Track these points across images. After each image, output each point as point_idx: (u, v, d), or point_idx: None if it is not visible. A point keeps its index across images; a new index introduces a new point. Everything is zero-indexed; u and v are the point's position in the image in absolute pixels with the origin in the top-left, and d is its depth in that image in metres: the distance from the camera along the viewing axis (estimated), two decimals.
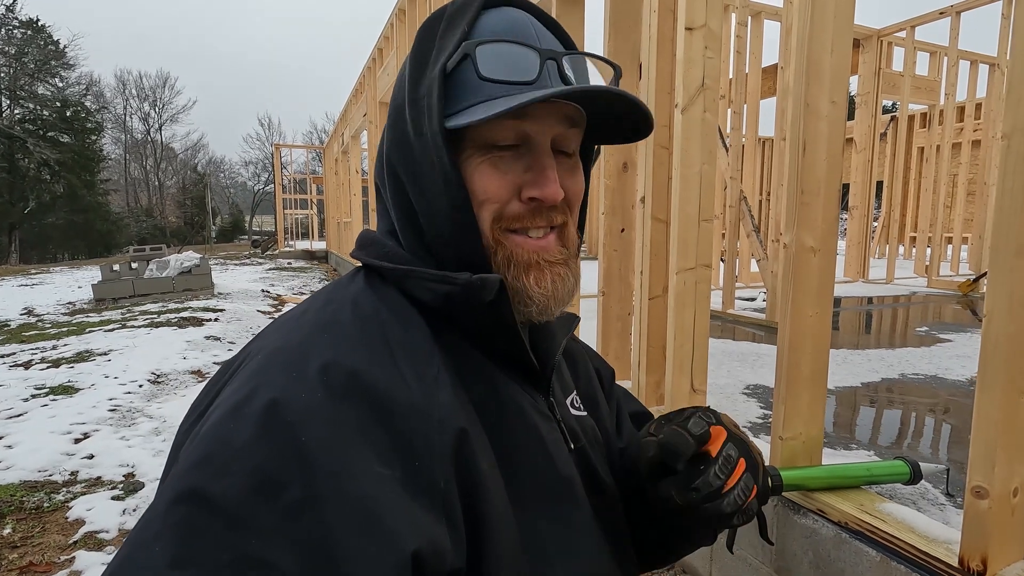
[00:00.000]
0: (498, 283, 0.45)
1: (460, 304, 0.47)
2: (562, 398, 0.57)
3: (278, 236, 17.41)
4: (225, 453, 0.35)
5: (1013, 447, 0.95)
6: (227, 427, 0.37)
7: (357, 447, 0.36)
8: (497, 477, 0.44)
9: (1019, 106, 0.89)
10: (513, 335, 0.48)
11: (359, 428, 0.37)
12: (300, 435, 0.35)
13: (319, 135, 39.39)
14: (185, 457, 0.37)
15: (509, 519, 0.43)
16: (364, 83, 7.53)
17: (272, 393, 0.38)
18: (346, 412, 0.38)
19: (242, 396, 0.38)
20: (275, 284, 9.51)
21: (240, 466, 0.34)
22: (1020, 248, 0.91)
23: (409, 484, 0.37)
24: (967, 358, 2.78)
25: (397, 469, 0.37)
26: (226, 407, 0.38)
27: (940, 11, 5.46)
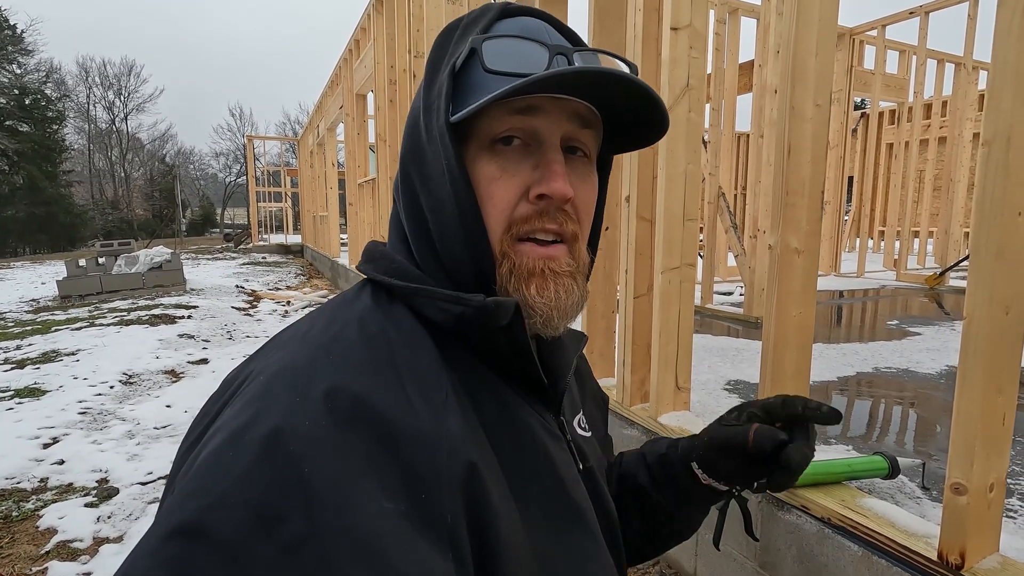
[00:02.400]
0: (514, 307, 0.44)
1: (472, 326, 0.45)
2: (570, 417, 0.57)
3: (252, 230, 17.05)
4: (223, 484, 0.33)
5: (991, 444, 0.98)
6: (226, 456, 0.35)
7: (362, 480, 0.35)
8: (510, 506, 0.42)
9: (999, 114, 0.91)
10: (526, 356, 0.47)
11: (365, 459, 0.36)
12: (303, 466, 0.34)
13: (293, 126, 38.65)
14: (181, 488, 0.35)
15: (523, 549, 0.42)
16: (340, 75, 7.40)
17: (274, 420, 0.36)
18: (351, 442, 0.36)
19: (242, 422, 0.37)
20: (250, 279, 9.32)
21: (238, 498, 0.33)
22: (999, 251, 0.93)
23: (416, 518, 0.35)
24: (936, 351, 2.87)
25: (403, 503, 0.35)
26: (225, 434, 0.37)
27: (910, 11, 5.59)
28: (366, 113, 6.93)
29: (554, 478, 0.48)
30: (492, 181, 0.46)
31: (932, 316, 3.97)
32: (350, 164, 7.05)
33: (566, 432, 0.54)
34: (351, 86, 6.78)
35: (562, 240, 0.48)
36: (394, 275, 0.48)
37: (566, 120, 0.46)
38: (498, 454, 0.44)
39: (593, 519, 0.51)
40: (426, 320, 0.46)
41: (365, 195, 6.39)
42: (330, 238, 9.66)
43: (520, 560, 0.41)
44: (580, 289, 0.49)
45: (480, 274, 0.46)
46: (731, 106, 4.58)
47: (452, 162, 0.44)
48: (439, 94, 0.45)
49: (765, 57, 3.90)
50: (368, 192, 6.23)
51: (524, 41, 0.45)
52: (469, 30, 0.47)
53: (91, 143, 31.32)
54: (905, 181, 6.23)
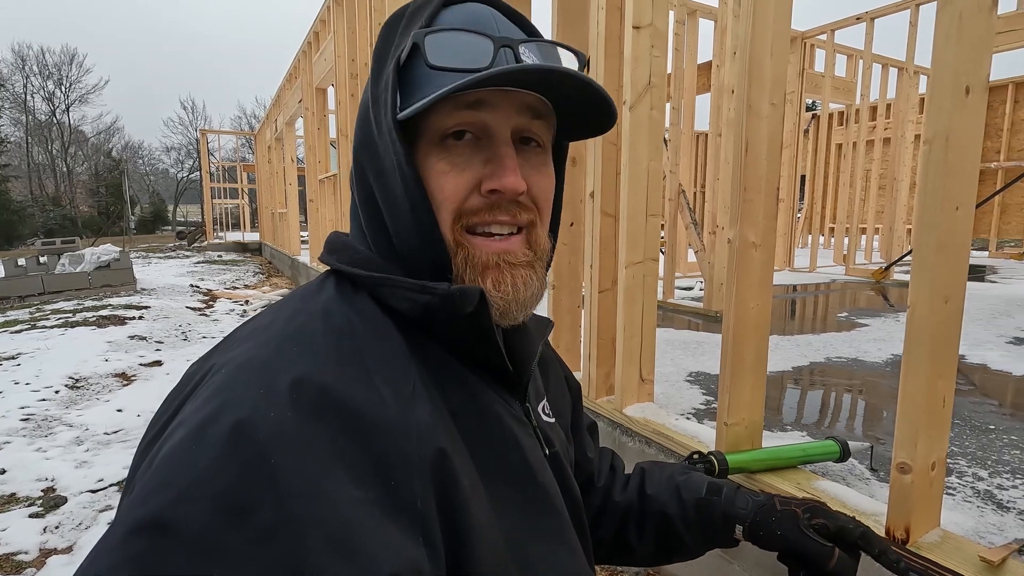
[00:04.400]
0: (478, 294, 0.44)
1: (438, 314, 0.46)
2: (535, 404, 0.58)
3: (206, 227, 16.46)
4: (187, 477, 0.33)
5: (933, 425, 1.04)
6: (189, 449, 0.34)
7: (331, 468, 0.35)
8: (479, 491, 0.43)
9: (939, 116, 0.97)
10: (492, 344, 0.48)
11: (332, 448, 0.35)
12: (269, 457, 0.33)
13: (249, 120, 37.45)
14: (143, 484, 0.34)
15: (494, 532, 0.43)
16: (299, 68, 7.21)
17: (239, 412, 0.35)
18: (319, 432, 0.36)
19: (206, 415, 0.36)
20: (205, 278, 9.00)
21: (204, 491, 0.32)
22: (940, 245, 0.99)
23: (386, 505, 0.36)
24: (883, 341, 3.02)
25: (373, 490, 0.35)
26: (188, 427, 0.36)
27: (857, 17, 5.84)
28: (327, 107, 6.79)
29: (522, 463, 0.49)
30: (441, 175, 0.46)
31: (878, 308, 4.17)
32: (310, 160, 6.89)
33: (532, 418, 0.55)
34: (311, 80, 6.62)
35: (518, 230, 0.49)
36: (358, 265, 0.48)
37: (516, 113, 0.46)
38: (467, 441, 0.45)
39: (560, 503, 0.52)
40: (391, 310, 0.46)
41: (326, 191, 6.26)
42: (290, 235, 9.43)
43: (491, 543, 0.42)
44: (539, 279, 0.50)
45: (435, 265, 0.46)
46: (690, 105, 4.69)
47: (401, 159, 0.44)
48: (385, 88, 0.45)
49: (723, 58, 4.01)
50: (329, 188, 6.10)
51: (468, 34, 0.44)
52: (414, 20, 0.46)
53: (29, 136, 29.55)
54: (853, 180, 6.52)
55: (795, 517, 0.61)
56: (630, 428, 1.73)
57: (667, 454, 1.60)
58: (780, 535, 0.61)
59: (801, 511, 0.62)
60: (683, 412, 1.91)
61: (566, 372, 0.73)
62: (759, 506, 0.65)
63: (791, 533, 0.60)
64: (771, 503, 0.64)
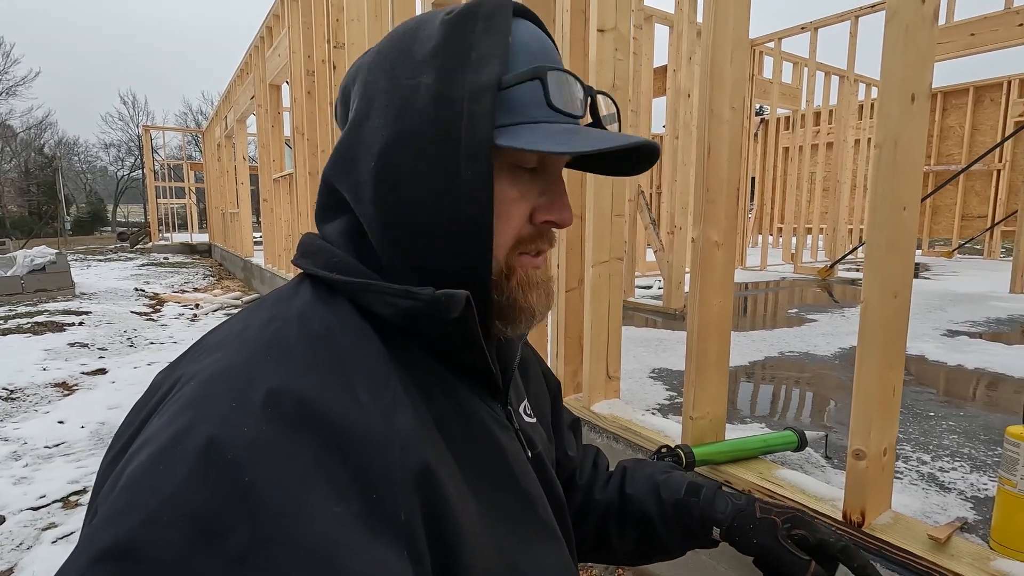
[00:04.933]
0: (464, 299, 0.44)
1: (422, 319, 0.45)
2: (516, 405, 0.58)
3: (151, 228, 15.71)
4: (155, 499, 0.31)
5: (884, 413, 1.11)
6: (156, 469, 0.32)
7: (309, 484, 0.33)
8: (466, 500, 0.43)
9: (888, 121, 1.03)
10: (478, 349, 0.47)
11: (311, 463, 0.34)
12: (244, 474, 0.32)
13: (195, 117, 35.97)
14: (108, 506, 0.32)
15: (482, 540, 0.42)
16: (251, 63, 6.98)
17: (210, 428, 0.34)
18: (297, 446, 0.34)
19: (174, 432, 0.34)
20: (151, 282, 8.59)
21: (174, 512, 0.30)
22: (890, 244, 1.05)
23: (369, 520, 0.34)
24: (831, 336, 3.17)
25: (354, 504, 0.34)
26: (155, 445, 0.34)
27: (802, 26, 6.12)
28: (280, 104, 6.59)
29: (505, 469, 0.49)
30: (511, 203, 0.47)
31: (825, 304, 4.38)
32: (264, 158, 6.67)
33: (514, 421, 0.55)
34: (263, 76, 6.41)
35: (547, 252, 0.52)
36: (336, 270, 0.47)
37: None
38: (451, 448, 0.44)
39: (545, 506, 0.52)
40: (370, 316, 0.45)
41: (281, 191, 6.09)
42: (242, 236, 9.11)
43: (479, 552, 0.41)
44: None
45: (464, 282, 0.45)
46: (647, 108, 4.81)
47: (484, 179, 0.43)
48: (474, 100, 0.43)
49: (679, 62, 4.12)
50: (285, 187, 5.93)
51: (571, 78, 0.47)
52: (493, 24, 0.45)
53: None
54: (799, 182, 6.83)
55: (773, 527, 0.62)
56: (598, 425, 1.76)
57: (635, 449, 1.63)
58: (756, 543, 0.61)
59: (781, 521, 0.62)
60: (648, 408, 1.96)
61: (545, 369, 0.73)
62: (738, 511, 0.65)
63: (768, 543, 0.61)
64: (751, 509, 0.65)
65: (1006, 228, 8.40)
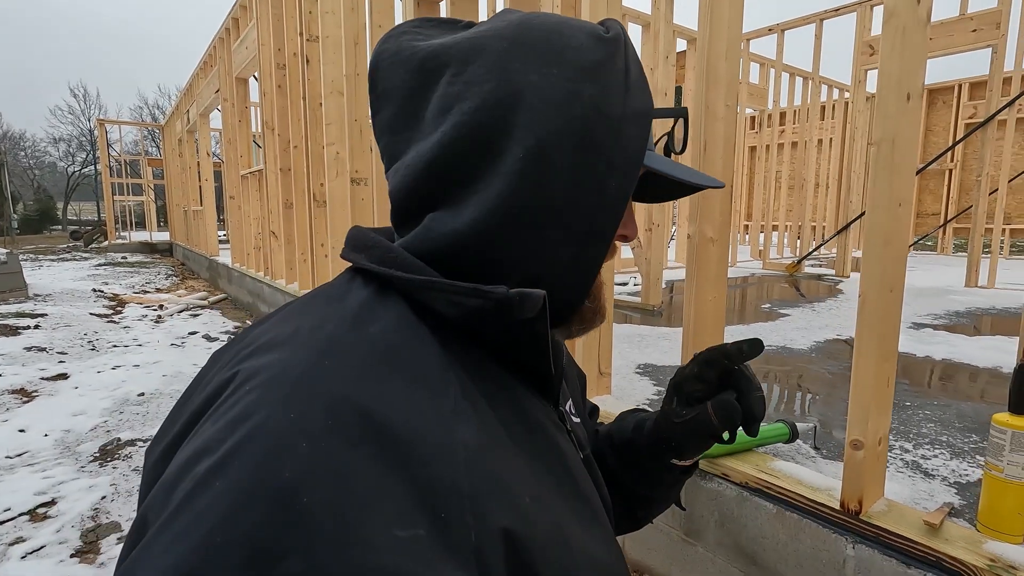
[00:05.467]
0: (542, 299, 0.42)
1: (488, 319, 0.43)
2: (565, 405, 0.57)
3: (107, 226, 15.06)
4: (209, 520, 0.30)
5: (880, 404, 1.14)
6: (211, 487, 0.31)
7: (370, 506, 0.31)
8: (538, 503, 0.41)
9: (886, 119, 1.05)
10: (543, 350, 0.46)
11: (373, 483, 0.32)
12: (301, 495, 0.30)
13: (152, 111, 34.72)
14: (163, 524, 0.31)
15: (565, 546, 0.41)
16: (216, 55, 6.76)
17: (268, 441, 0.32)
18: (357, 464, 0.32)
19: (231, 446, 0.32)
20: (110, 282, 8.25)
21: (228, 536, 0.29)
22: (886, 239, 1.08)
23: (435, 542, 0.32)
24: (804, 330, 3.27)
25: (421, 526, 0.32)
26: (212, 459, 0.32)
27: (769, 28, 6.27)
28: (248, 99, 6.40)
29: (568, 473, 0.48)
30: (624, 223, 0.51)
31: (795, 299, 4.51)
32: (230, 154, 6.47)
33: (567, 422, 0.54)
34: (229, 68, 6.21)
35: None
36: (393, 265, 0.44)
37: None
38: (517, 454, 0.42)
39: (600, 508, 0.52)
40: (428, 315, 0.43)
41: (250, 188, 5.92)
42: (206, 234, 8.82)
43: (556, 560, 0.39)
44: None
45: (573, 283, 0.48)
46: None
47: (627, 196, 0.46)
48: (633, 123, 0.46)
49: (656, 61, 4.17)
50: (254, 184, 5.77)
51: None
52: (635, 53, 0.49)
53: None
54: (767, 180, 7.02)
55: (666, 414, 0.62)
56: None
57: None
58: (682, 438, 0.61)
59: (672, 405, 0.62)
60: (638, 403, 1.98)
61: (576, 369, 0.73)
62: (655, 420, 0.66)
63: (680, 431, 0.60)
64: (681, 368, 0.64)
65: (958, 225, 8.82)
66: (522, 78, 0.44)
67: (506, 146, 0.43)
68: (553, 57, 0.45)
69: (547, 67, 0.44)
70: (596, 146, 0.44)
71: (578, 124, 0.43)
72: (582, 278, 0.47)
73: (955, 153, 9.16)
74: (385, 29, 3.06)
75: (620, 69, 0.46)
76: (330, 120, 3.62)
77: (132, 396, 3.21)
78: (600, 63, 0.45)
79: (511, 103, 0.43)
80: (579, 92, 0.44)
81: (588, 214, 0.45)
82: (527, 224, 0.44)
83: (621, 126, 0.45)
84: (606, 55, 0.46)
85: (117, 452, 2.48)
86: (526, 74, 0.44)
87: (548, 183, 0.43)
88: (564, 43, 0.45)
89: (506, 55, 0.44)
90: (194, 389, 0.41)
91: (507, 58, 0.44)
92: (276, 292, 5.06)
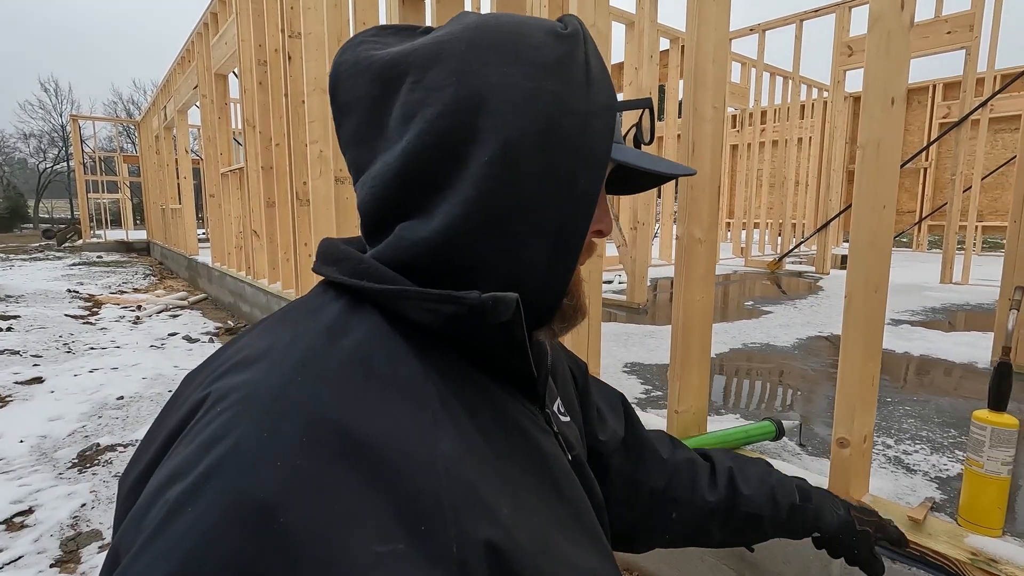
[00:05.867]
0: (515, 302, 0.42)
1: (464, 325, 0.43)
2: (551, 406, 0.57)
3: (82, 224, 14.70)
4: (184, 545, 0.29)
5: (865, 402, 1.16)
6: (185, 511, 0.30)
7: (350, 524, 0.31)
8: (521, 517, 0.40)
9: (872, 122, 1.07)
10: (522, 353, 0.45)
11: (351, 500, 0.32)
12: (278, 516, 0.30)
13: (126, 106, 33.99)
14: (139, 552, 0.30)
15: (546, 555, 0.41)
16: (194, 51, 6.62)
17: (242, 462, 0.31)
18: (335, 482, 0.32)
19: (205, 468, 0.32)
20: (85, 282, 8.06)
21: (203, 564, 0.29)
22: (872, 240, 1.10)
23: (417, 557, 0.32)
24: (787, 327, 3.32)
25: (401, 540, 0.32)
26: (185, 482, 0.31)
27: (751, 28, 6.34)
28: (228, 95, 6.28)
29: (552, 478, 0.47)
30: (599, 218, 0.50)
31: (777, 296, 4.57)
32: (209, 151, 6.35)
33: (553, 424, 0.54)
34: (208, 64, 6.09)
35: None
36: (365, 276, 0.44)
37: None
38: (498, 463, 0.42)
39: (589, 511, 0.51)
40: (403, 324, 0.43)
41: (231, 186, 5.82)
42: (185, 233, 8.66)
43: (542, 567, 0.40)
44: None
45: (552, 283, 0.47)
46: None
47: (599, 190, 0.46)
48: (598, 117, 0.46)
49: (640, 60, 4.19)
50: (235, 183, 5.67)
51: None
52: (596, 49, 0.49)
53: None
54: (748, 179, 7.10)
55: (869, 539, 0.75)
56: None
57: None
58: (857, 554, 0.76)
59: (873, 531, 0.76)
60: None
61: (570, 362, 0.72)
62: (842, 522, 0.76)
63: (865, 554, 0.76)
64: (851, 521, 0.77)
65: (933, 222, 9.02)
66: (482, 80, 0.43)
67: (471, 150, 0.43)
68: (512, 57, 0.44)
69: (507, 67, 0.44)
70: (562, 143, 0.43)
71: (542, 122, 0.43)
72: (559, 277, 0.47)
73: (930, 152, 9.37)
74: (369, 25, 3.03)
75: (581, 64, 0.46)
76: (313, 118, 3.57)
77: (111, 400, 3.14)
78: (560, 59, 0.45)
79: (473, 106, 0.43)
80: (541, 90, 0.43)
81: (559, 212, 0.44)
82: (498, 227, 0.43)
83: (586, 121, 0.44)
84: (566, 51, 0.45)
85: (96, 458, 2.43)
86: (486, 76, 0.43)
87: (516, 184, 0.43)
88: (522, 42, 0.45)
89: (465, 58, 0.44)
90: (168, 410, 0.40)
91: (466, 61, 0.44)
92: (259, 292, 4.99)
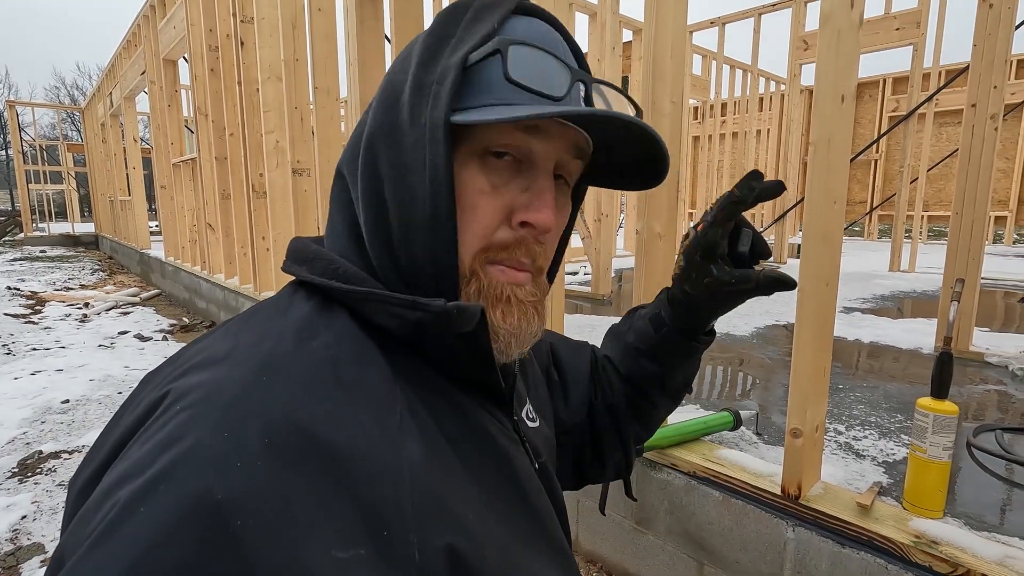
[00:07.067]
0: (479, 312, 0.41)
1: (430, 332, 0.42)
2: (519, 411, 0.56)
3: (23, 217, 13.92)
4: (135, 549, 0.27)
5: (816, 394, 1.19)
6: (137, 512, 0.28)
7: (311, 529, 0.30)
8: (486, 525, 0.40)
9: (823, 119, 1.09)
10: (488, 364, 0.44)
11: (313, 504, 0.31)
12: (236, 519, 0.29)
13: (70, 91, 32.27)
14: (83, 555, 0.28)
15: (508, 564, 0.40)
16: (140, 35, 6.30)
17: (198, 464, 0.30)
18: (296, 485, 0.31)
19: (159, 469, 0.30)
20: (27, 279, 7.65)
21: (154, 567, 0.27)
22: (824, 235, 1.12)
23: (378, 563, 0.32)
24: (746, 316, 3.40)
25: (364, 546, 0.32)
26: (137, 483, 0.30)
27: (711, 21, 6.43)
28: (178, 82, 6.01)
29: (517, 486, 0.47)
30: (479, 194, 0.42)
31: None
32: (159, 141, 6.08)
33: (520, 432, 0.53)
34: (156, 49, 5.81)
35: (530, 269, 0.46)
36: (336, 278, 0.42)
37: (564, 148, 0.44)
38: (464, 471, 0.41)
39: (553, 518, 0.51)
40: (372, 328, 0.42)
41: (183, 176, 5.59)
42: (136, 226, 8.29)
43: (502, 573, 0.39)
44: (540, 320, 0.48)
45: (436, 283, 0.42)
46: None
47: (440, 160, 0.40)
48: (440, 80, 0.40)
49: (603, 51, 4.19)
50: (187, 173, 5.45)
51: (549, 56, 0.42)
52: (482, 19, 0.42)
53: None
54: (710, 169, 7.24)
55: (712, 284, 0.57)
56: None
57: None
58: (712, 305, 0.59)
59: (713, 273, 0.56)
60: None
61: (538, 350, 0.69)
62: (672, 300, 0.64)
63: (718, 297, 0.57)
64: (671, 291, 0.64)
65: (883, 212, 9.39)
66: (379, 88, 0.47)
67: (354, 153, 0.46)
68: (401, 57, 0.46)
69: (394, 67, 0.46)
70: (414, 121, 0.41)
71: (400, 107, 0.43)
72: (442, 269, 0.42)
73: (880, 144, 9.73)
74: (325, 12, 2.93)
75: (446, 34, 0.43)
76: (268, 107, 3.45)
77: (55, 404, 2.99)
78: (426, 36, 0.44)
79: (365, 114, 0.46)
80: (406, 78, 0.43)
81: (420, 195, 0.41)
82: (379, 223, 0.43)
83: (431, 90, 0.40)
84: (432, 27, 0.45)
85: (39, 466, 2.30)
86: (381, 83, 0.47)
87: (381, 176, 0.43)
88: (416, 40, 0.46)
89: None
90: (123, 411, 0.38)
91: None
92: (215, 288, 4.82)
